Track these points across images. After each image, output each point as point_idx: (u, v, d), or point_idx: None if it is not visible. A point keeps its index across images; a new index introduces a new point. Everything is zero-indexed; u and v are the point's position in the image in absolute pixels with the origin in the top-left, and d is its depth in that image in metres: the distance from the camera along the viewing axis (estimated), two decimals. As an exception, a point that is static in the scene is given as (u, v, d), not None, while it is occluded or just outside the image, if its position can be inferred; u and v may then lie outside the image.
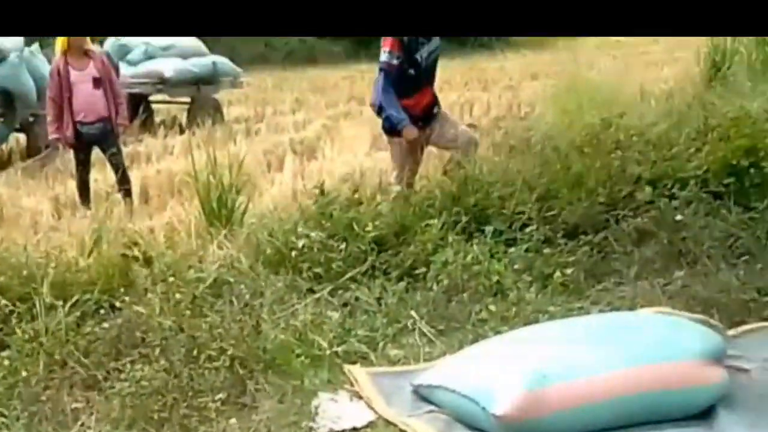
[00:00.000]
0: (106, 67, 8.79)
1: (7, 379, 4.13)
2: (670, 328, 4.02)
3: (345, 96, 18.24)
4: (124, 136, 9.54)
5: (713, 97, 9.69)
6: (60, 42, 8.61)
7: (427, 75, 7.11)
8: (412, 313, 4.83)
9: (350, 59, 26.69)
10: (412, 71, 6.89)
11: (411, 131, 6.82)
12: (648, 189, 5.96)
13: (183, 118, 15.38)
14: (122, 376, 4.09)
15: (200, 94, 15.02)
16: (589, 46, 25.47)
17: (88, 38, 8.78)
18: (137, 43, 14.62)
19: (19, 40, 12.20)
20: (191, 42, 15.35)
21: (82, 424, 3.83)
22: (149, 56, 14.61)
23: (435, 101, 7.24)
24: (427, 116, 7.09)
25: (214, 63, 15.28)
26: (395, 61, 6.78)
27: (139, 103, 14.42)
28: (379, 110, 6.91)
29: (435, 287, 5.09)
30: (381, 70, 6.86)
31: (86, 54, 8.66)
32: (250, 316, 4.57)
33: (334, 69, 24.40)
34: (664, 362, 3.79)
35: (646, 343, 3.85)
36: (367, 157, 11.32)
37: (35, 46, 12.69)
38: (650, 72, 16.30)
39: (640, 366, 3.77)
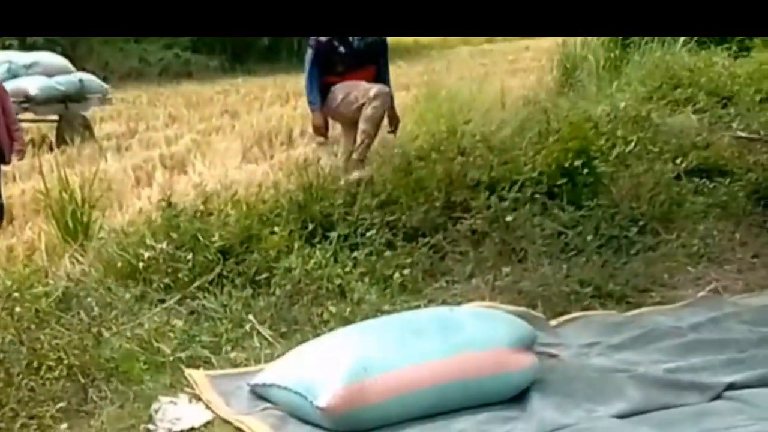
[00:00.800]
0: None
1: None
2: (482, 319, 4.34)
3: (218, 110, 18.33)
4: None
5: (565, 102, 10.23)
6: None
7: (360, 56, 7.16)
8: (251, 317, 5.05)
9: (226, 73, 26.74)
10: (342, 49, 6.97)
11: (316, 117, 7.01)
12: (484, 192, 6.32)
13: (53, 137, 15.25)
14: (-38, 391, 4.20)
15: (68, 112, 14.90)
16: (463, 55, 26.18)
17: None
18: (-1, 61, 14.46)
19: None
20: (56, 59, 15.23)
21: None
22: (13, 74, 14.44)
23: None
24: None
25: (80, 80, 15.18)
26: (323, 38, 6.83)
27: (5, 123, 14.25)
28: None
29: (278, 292, 5.33)
30: (309, 46, 6.96)
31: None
32: (93, 326, 4.73)
33: (209, 83, 24.42)
34: (476, 351, 4.11)
35: (460, 334, 4.16)
36: (237, 170, 11.48)
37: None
38: (517, 79, 16.86)
39: (454, 355, 4.08)
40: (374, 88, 7.19)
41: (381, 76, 7.42)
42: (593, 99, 10.04)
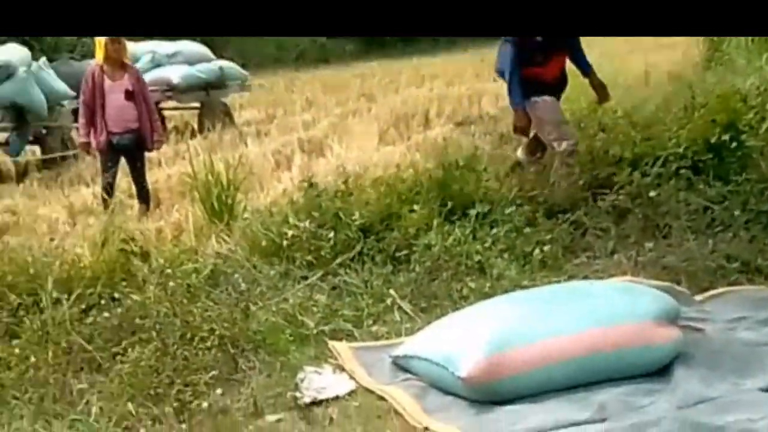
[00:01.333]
0: (141, 82, 9.13)
1: (19, 366, 4.59)
2: (625, 293, 4.42)
3: (355, 94, 18.69)
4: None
5: (711, 76, 10.08)
6: (99, 51, 8.98)
7: (555, 42, 6.88)
8: (392, 292, 5.27)
9: (362, 58, 27.16)
10: (539, 38, 6.74)
11: (519, 117, 6.80)
12: (627, 168, 6.35)
13: (195, 124, 15.89)
14: (122, 358, 4.55)
15: (209, 99, 15.51)
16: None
17: (126, 51, 9.13)
18: (143, 52, 15.12)
19: (26, 55, 12.74)
20: (197, 48, 15.84)
21: (87, 402, 4.28)
22: (156, 64, 15.12)
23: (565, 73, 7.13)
24: (559, 86, 7.12)
25: (221, 68, 15.76)
26: None
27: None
28: (502, 75, 6.97)
29: (418, 268, 5.53)
30: (508, 42, 6.79)
31: (122, 66, 8.96)
32: (241, 301, 5.03)
33: (345, 68, 24.87)
34: (618, 324, 4.19)
35: (601, 308, 4.25)
36: (375, 152, 11.74)
37: (43, 60, 13.24)
38: (662, 55, 16.59)
39: (596, 328, 4.17)
40: (564, 143, 6.81)
41: (577, 58, 7.19)
42: (742, 72, 9.85)
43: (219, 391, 4.28)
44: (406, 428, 3.92)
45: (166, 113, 16.41)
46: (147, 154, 9.60)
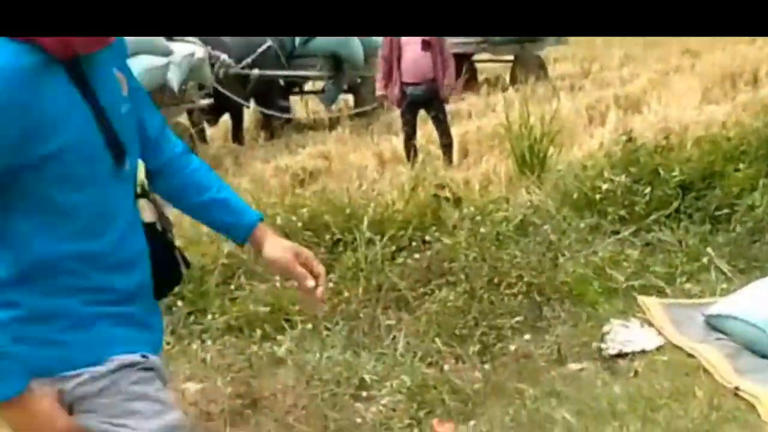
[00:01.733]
0: None
1: (332, 299, 4.91)
2: None
3: (677, 49, 18.08)
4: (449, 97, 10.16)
5: None
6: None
7: None
8: (709, 251, 5.14)
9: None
10: None
11: None
12: None
13: (507, 77, 16.04)
14: (430, 298, 4.76)
15: (524, 52, 15.59)
16: None
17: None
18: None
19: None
20: None
21: (394, 338, 4.54)
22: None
23: None
24: None
25: (537, 20, 15.75)
26: None
27: (462, 63, 15.23)
28: None
29: (738, 228, 5.36)
30: None
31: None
32: (550, 251, 5.10)
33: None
34: None
35: None
36: (697, 111, 11.36)
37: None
38: None
39: None
40: None
41: None
42: None
43: (527, 336, 4.39)
44: (715, 387, 3.85)
45: (478, 66, 16.67)
46: (454, 107, 9.85)
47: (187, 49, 9.93)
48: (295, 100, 14.44)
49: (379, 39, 13.39)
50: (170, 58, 9.34)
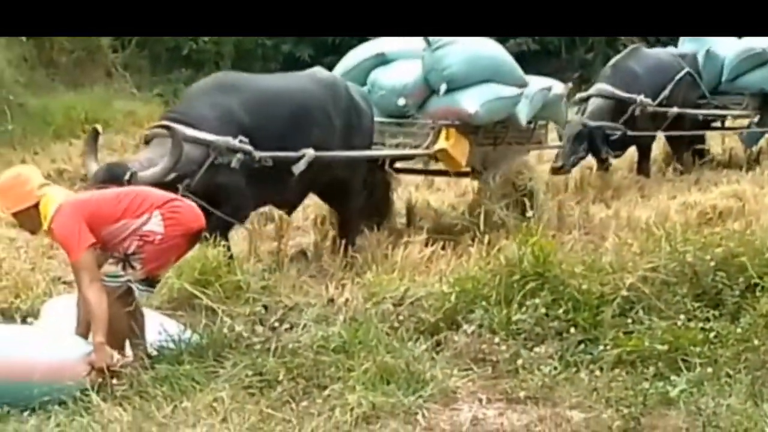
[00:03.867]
0: None
1: (736, 346, 4.71)
2: None
3: None
4: None
5: None
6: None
7: None
8: None
9: None
10: None
11: None
12: None
13: None
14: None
15: None
16: None
17: None
18: None
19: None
20: None
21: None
22: None
23: None
24: None
25: None
26: None
27: None
28: None
29: None
30: None
31: None
32: None
33: None
34: None
35: None
36: None
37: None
38: None
39: None
40: None
41: None
42: None
43: None
44: None
45: None
46: None
47: (544, 83, 9.26)
48: (711, 135, 13.90)
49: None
50: (523, 89, 8.48)
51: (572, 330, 5.02)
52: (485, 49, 8.28)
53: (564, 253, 5.75)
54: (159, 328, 4.89)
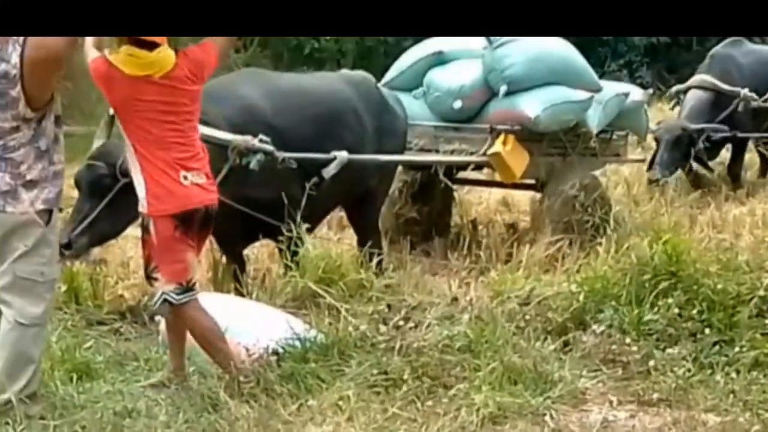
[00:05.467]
0: None
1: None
2: None
3: None
4: None
5: None
6: None
7: None
8: None
9: None
10: None
11: None
12: None
13: None
14: None
15: None
16: None
17: None
18: None
19: None
20: None
21: None
22: None
23: None
24: None
25: None
26: None
27: None
28: None
29: None
30: None
31: None
32: None
33: None
34: None
35: None
36: None
37: None
38: None
39: None
40: None
41: None
42: None
43: None
44: None
45: None
46: None
47: (621, 88, 8.46)
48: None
49: None
50: (594, 94, 7.59)
51: (707, 331, 4.96)
52: (552, 48, 7.51)
53: (697, 251, 5.65)
54: (285, 325, 4.99)
